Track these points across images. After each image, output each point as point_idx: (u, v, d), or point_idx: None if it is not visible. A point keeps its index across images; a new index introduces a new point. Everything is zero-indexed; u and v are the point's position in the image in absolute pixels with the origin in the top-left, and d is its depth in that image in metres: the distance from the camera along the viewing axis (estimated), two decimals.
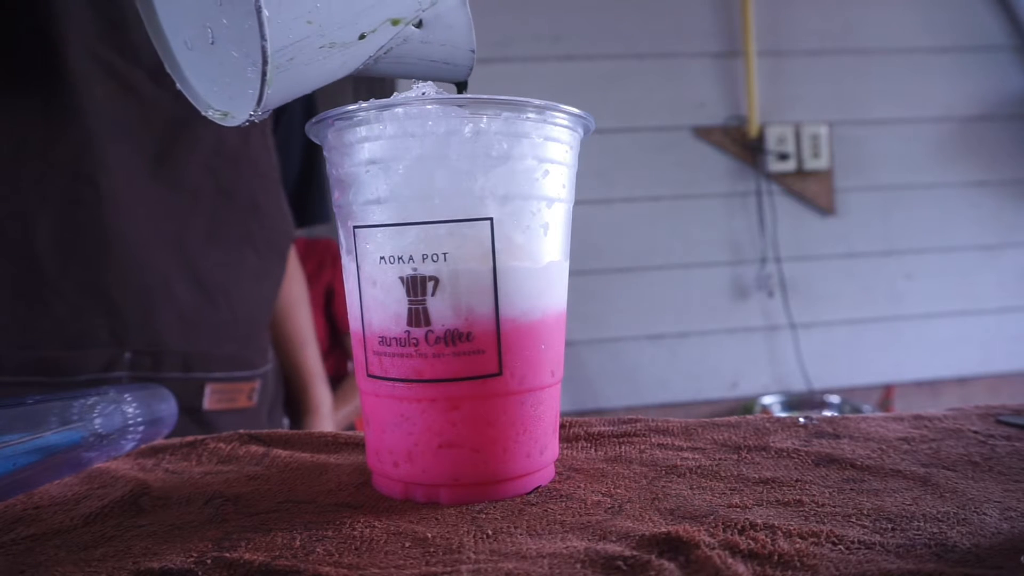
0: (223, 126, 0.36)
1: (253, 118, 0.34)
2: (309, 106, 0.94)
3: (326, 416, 1.00)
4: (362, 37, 0.35)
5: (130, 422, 0.46)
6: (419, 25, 0.38)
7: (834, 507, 0.33)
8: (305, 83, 0.35)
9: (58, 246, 0.68)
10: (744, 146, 1.85)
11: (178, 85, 0.38)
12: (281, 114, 0.92)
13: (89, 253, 0.68)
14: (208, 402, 0.75)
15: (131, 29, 0.68)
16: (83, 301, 0.68)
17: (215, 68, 0.36)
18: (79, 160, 0.67)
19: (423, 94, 0.36)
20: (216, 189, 0.76)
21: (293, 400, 1.00)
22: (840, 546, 0.29)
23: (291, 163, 0.94)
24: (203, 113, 0.37)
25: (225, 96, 0.37)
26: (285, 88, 0.33)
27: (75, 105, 0.67)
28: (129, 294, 0.70)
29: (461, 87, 0.44)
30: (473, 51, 0.41)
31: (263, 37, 0.30)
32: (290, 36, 0.32)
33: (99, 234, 0.68)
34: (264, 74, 0.31)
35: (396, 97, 0.35)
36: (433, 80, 0.43)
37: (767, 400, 1.86)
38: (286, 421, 1.00)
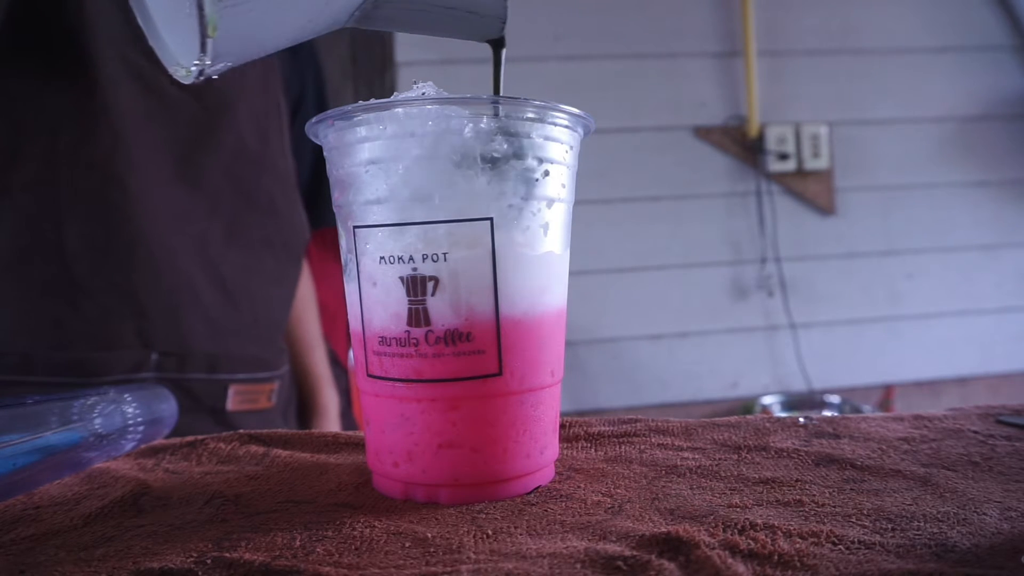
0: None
1: (199, 67, 0.27)
2: (323, 106, 0.93)
3: (333, 419, 1.00)
4: None
5: (130, 422, 0.46)
6: None
7: (834, 507, 0.33)
8: (273, 27, 0.26)
9: (89, 247, 0.68)
10: (744, 146, 1.85)
11: (149, 41, 0.32)
12: (295, 115, 0.91)
13: (118, 254, 0.69)
14: (231, 403, 0.76)
15: None
16: (112, 302, 0.69)
17: (179, 14, 0.29)
18: (109, 161, 0.68)
19: (423, 94, 0.36)
20: (236, 191, 0.76)
21: (301, 402, 1.00)
22: (840, 546, 0.29)
23: (304, 165, 0.93)
24: (169, 70, 0.31)
25: (193, 50, 0.30)
26: (243, 33, 0.26)
27: (105, 106, 0.67)
28: (156, 295, 0.70)
29: (496, 47, 0.37)
30: None
31: None
32: None
33: (128, 235, 0.69)
34: (200, 6, 0.24)
35: (396, 97, 0.35)
36: (458, 36, 0.34)
37: (767, 400, 1.86)
38: None
